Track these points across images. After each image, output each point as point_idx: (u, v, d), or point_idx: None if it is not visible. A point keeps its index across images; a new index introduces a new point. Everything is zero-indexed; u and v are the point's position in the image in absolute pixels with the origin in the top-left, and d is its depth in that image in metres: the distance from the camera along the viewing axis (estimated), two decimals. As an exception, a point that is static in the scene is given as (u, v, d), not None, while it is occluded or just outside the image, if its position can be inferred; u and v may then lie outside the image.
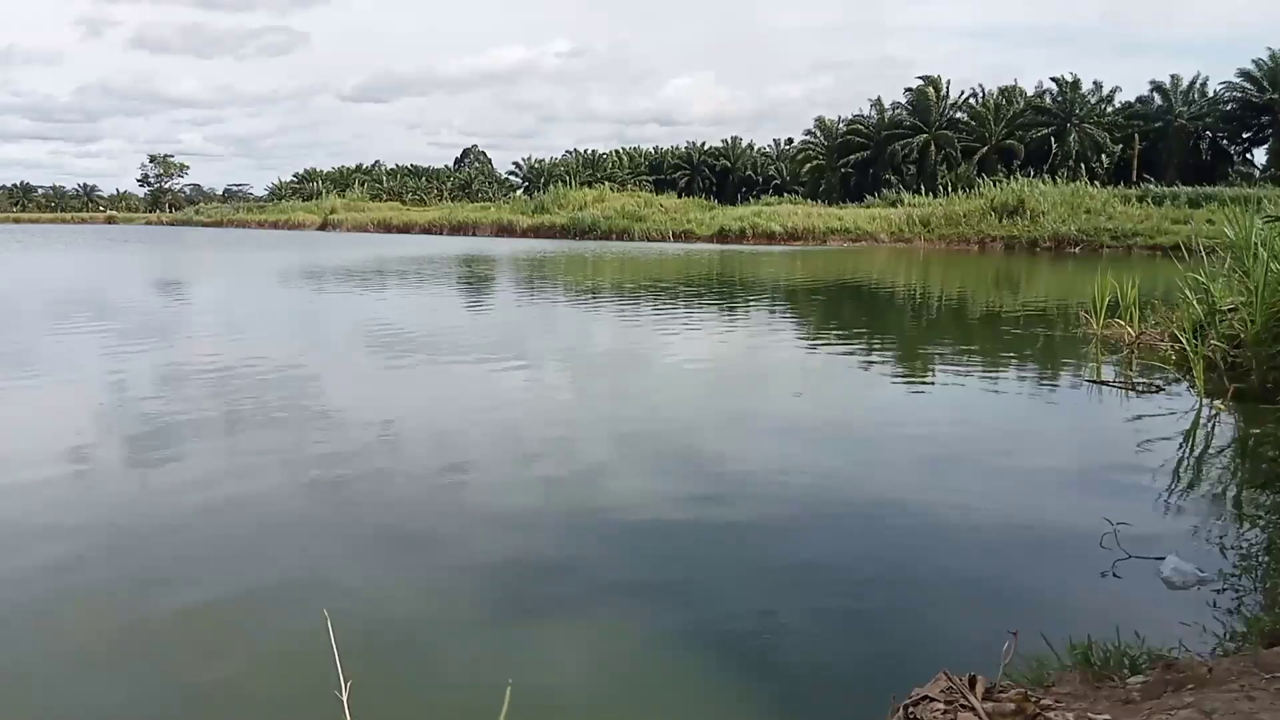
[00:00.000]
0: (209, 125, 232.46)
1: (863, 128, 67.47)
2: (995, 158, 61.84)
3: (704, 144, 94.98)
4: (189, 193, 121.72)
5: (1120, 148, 61.81)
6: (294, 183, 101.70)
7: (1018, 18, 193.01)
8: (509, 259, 34.35)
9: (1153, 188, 48.20)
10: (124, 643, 3.98)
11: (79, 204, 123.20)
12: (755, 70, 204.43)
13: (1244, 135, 62.36)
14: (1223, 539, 5.05)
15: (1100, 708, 2.86)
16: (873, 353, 12.44)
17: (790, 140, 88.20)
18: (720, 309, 17.69)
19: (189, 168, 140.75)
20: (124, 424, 7.68)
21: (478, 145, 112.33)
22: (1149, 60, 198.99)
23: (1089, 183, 49.10)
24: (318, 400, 8.79)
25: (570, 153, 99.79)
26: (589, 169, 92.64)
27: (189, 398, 8.63)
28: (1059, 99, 63.33)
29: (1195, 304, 9.92)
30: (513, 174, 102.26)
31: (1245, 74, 59.39)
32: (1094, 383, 9.84)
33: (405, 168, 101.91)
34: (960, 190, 50.29)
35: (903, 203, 50.13)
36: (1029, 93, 65.71)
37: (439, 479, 6.30)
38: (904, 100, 67.28)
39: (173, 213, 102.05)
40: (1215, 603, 4.15)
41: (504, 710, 2.20)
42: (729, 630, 4.05)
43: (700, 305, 18.29)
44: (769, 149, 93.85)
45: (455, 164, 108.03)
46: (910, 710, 2.79)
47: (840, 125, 69.60)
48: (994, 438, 7.64)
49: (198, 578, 4.58)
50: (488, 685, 2.33)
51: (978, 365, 11.54)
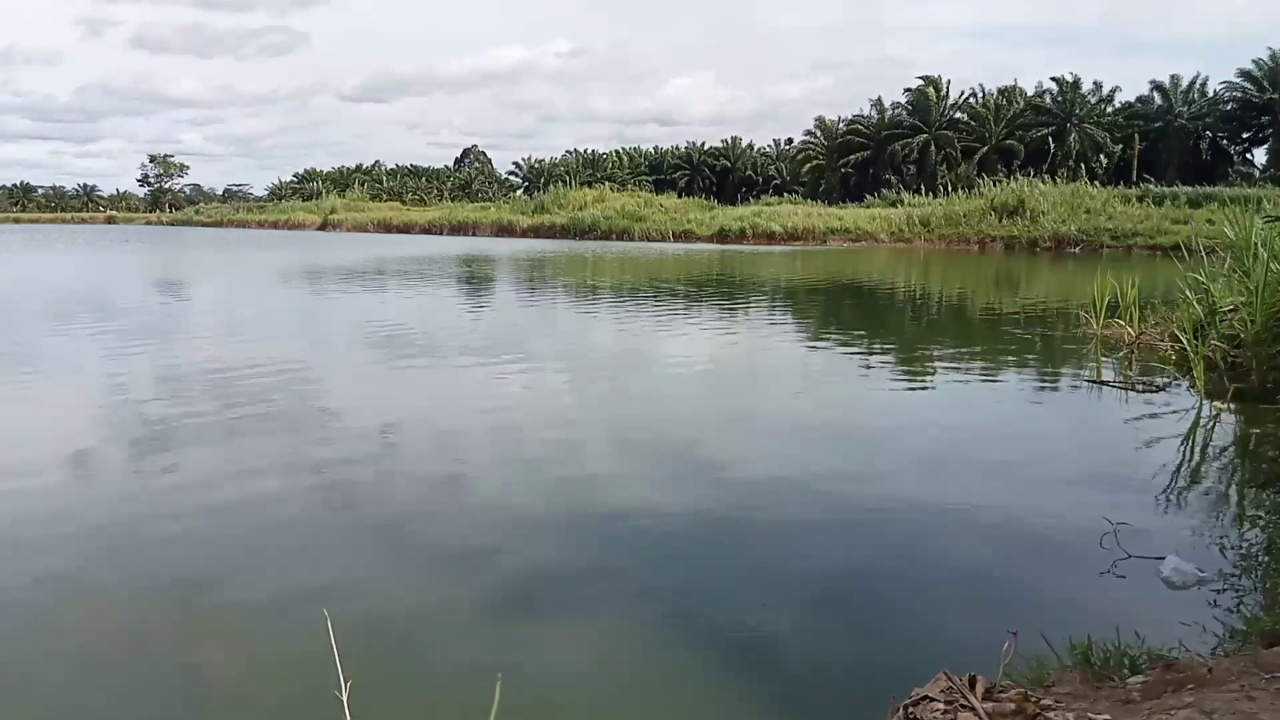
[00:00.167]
0: (209, 125, 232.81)
1: (863, 128, 67.45)
2: (995, 158, 61.83)
3: (704, 144, 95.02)
4: (189, 193, 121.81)
5: (1120, 148, 61.79)
6: (294, 183, 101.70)
7: (1018, 18, 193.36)
8: (509, 259, 34.35)
9: (1153, 188, 48.18)
10: (124, 643, 3.98)
11: (79, 204, 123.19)
12: (755, 70, 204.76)
13: (1244, 135, 62.35)
14: (1223, 539, 5.05)
15: (1100, 708, 2.86)
16: (873, 353, 12.44)
17: (790, 140, 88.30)
18: (720, 309, 17.69)
19: (189, 168, 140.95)
20: (124, 424, 7.68)
21: (478, 145, 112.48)
22: (1149, 60, 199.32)
23: (1089, 183, 49.09)
24: (318, 401, 8.79)
25: (570, 153, 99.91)
26: (589, 169, 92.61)
27: (189, 398, 8.64)
28: (1059, 99, 63.31)
29: (1195, 304, 9.92)
30: (513, 174, 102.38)
31: (1245, 74, 59.40)
32: (1094, 383, 9.84)
33: (405, 168, 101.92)
34: (960, 190, 50.27)
35: (903, 203, 50.11)
36: (1029, 93, 65.72)
37: (439, 479, 6.30)
38: (904, 100, 67.32)
39: (173, 213, 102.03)
40: (1215, 603, 4.15)
41: (494, 707, 2.20)
42: (729, 630, 4.05)
43: (700, 305, 18.29)
44: (769, 149, 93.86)
45: (455, 164, 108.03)
46: (910, 710, 2.79)
47: (840, 125, 69.57)
48: (994, 438, 7.64)
49: (198, 578, 4.58)
50: (488, 685, 2.32)
51: (978, 365, 11.54)
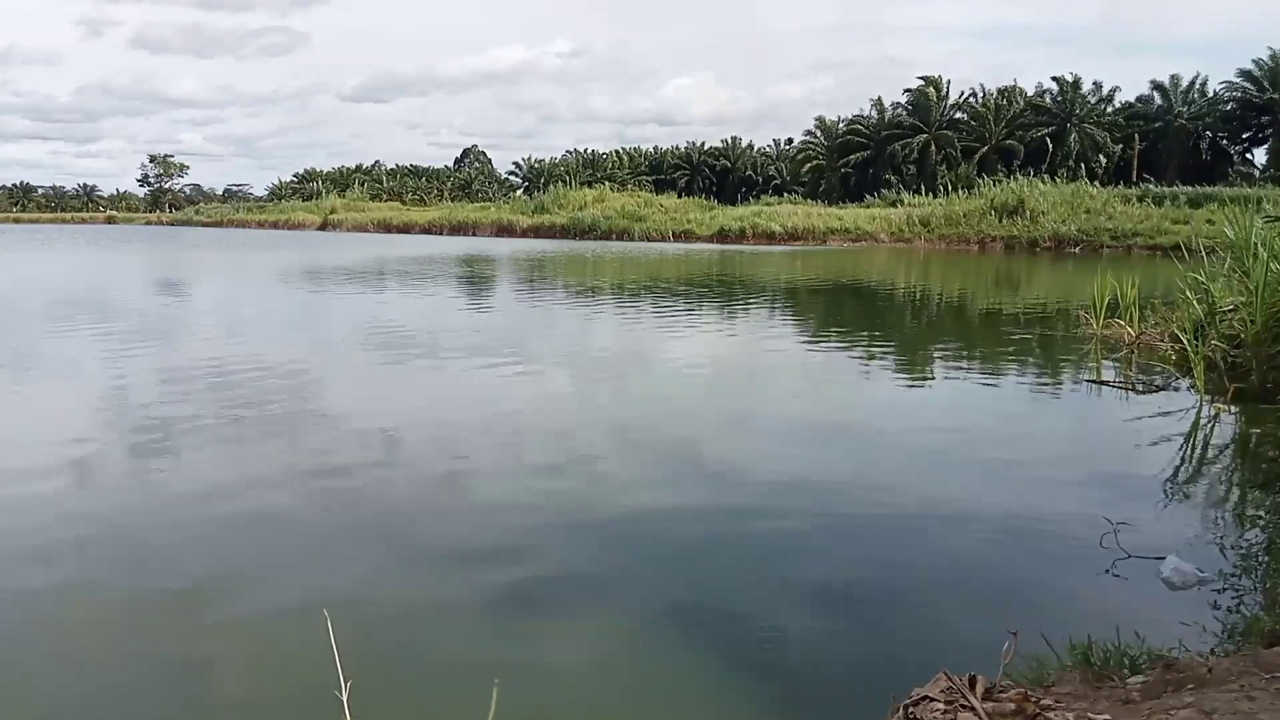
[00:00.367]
0: (209, 125, 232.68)
1: (863, 128, 67.44)
2: (995, 158, 61.82)
3: (704, 144, 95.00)
4: (189, 193, 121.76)
5: (1120, 148, 61.79)
6: (294, 183, 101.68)
7: (1018, 18, 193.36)
8: (509, 259, 34.35)
9: (1153, 188, 48.21)
10: (124, 643, 3.98)
11: (79, 204, 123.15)
12: (755, 70, 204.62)
13: (1244, 135, 62.35)
14: (1223, 539, 5.05)
15: (1100, 708, 2.86)
16: (873, 353, 12.43)
17: (790, 140, 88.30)
18: (720, 309, 17.69)
19: (189, 168, 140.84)
20: (125, 424, 7.68)
21: (478, 145, 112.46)
22: (1149, 60, 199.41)
23: (1089, 183, 49.10)
24: (319, 401, 8.80)
25: (570, 153, 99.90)
26: (589, 169, 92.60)
27: (190, 398, 8.63)
28: (1059, 99, 63.32)
29: (1195, 304, 9.92)
30: (513, 174, 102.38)
31: (1245, 74, 59.41)
32: (1094, 383, 9.84)
33: (405, 168, 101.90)
34: (960, 190, 50.26)
35: (903, 203, 50.13)
36: (1029, 93, 65.74)
37: (440, 479, 6.30)
38: (904, 100, 67.35)
39: (173, 213, 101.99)
40: (1215, 603, 4.15)
41: (492, 710, 2.20)
42: (729, 630, 4.05)
43: (700, 305, 18.29)
44: (769, 149, 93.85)
45: (455, 164, 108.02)
46: (910, 710, 2.79)
47: (840, 125, 69.57)
48: (994, 438, 7.64)
49: (198, 578, 4.58)
50: (488, 685, 2.32)
51: (978, 365, 11.55)
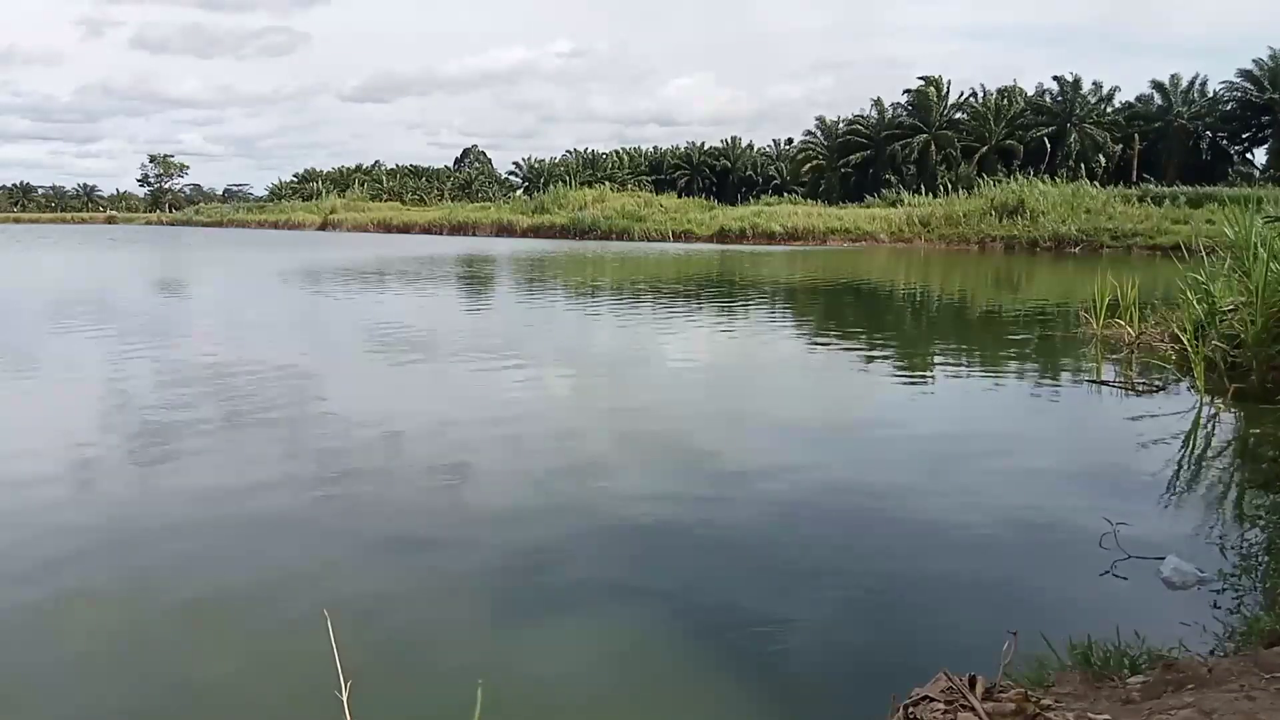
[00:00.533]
0: (209, 125, 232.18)
1: (863, 128, 67.43)
2: (995, 158, 61.80)
3: (704, 144, 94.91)
4: (189, 193, 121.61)
5: (1120, 148, 61.78)
6: (294, 183, 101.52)
7: (1017, 18, 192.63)
8: (509, 259, 34.35)
9: (1153, 188, 48.15)
10: (124, 642, 3.98)
11: (79, 204, 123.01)
12: (755, 70, 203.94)
13: (1244, 135, 62.29)
14: (1223, 539, 5.05)
15: (1100, 708, 2.86)
16: (873, 353, 12.43)
17: (790, 140, 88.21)
18: (720, 309, 17.68)
19: (189, 168, 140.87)
20: (125, 424, 7.69)
21: (478, 145, 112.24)
22: (1149, 60, 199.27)
23: (1089, 183, 49.07)
24: (319, 401, 8.80)
25: (570, 153, 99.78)
26: (589, 169, 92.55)
27: (190, 398, 8.63)
28: (1059, 99, 63.31)
29: (1195, 304, 9.92)
30: (513, 174, 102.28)
31: (1245, 74, 59.37)
32: (1094, 383, 9.84)
33: (405, 168, 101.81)
34: (960, 190, 50.23)
35: (903, 203, 50.09)
36: (1029, 93, 65.74)
37: (439, 479, 6.30)
38: (904, 100, 67.32)
39: (173, 213, 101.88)
40: (1215, 603, 4.15)
41: (477, 709, 2.20)
42: (730, 630, 4.05)
43: (700, 305, 18.30)
44: (769, 149, 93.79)
45: (455, 164, 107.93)
46: (910, 710, 2.79)
47: (840, 125, 69.54)
48: (994, 438, 7.64)
49: (198, 578, 4.58)
50: (488, 685, 2.33)
51: (978, 365, 11.55)
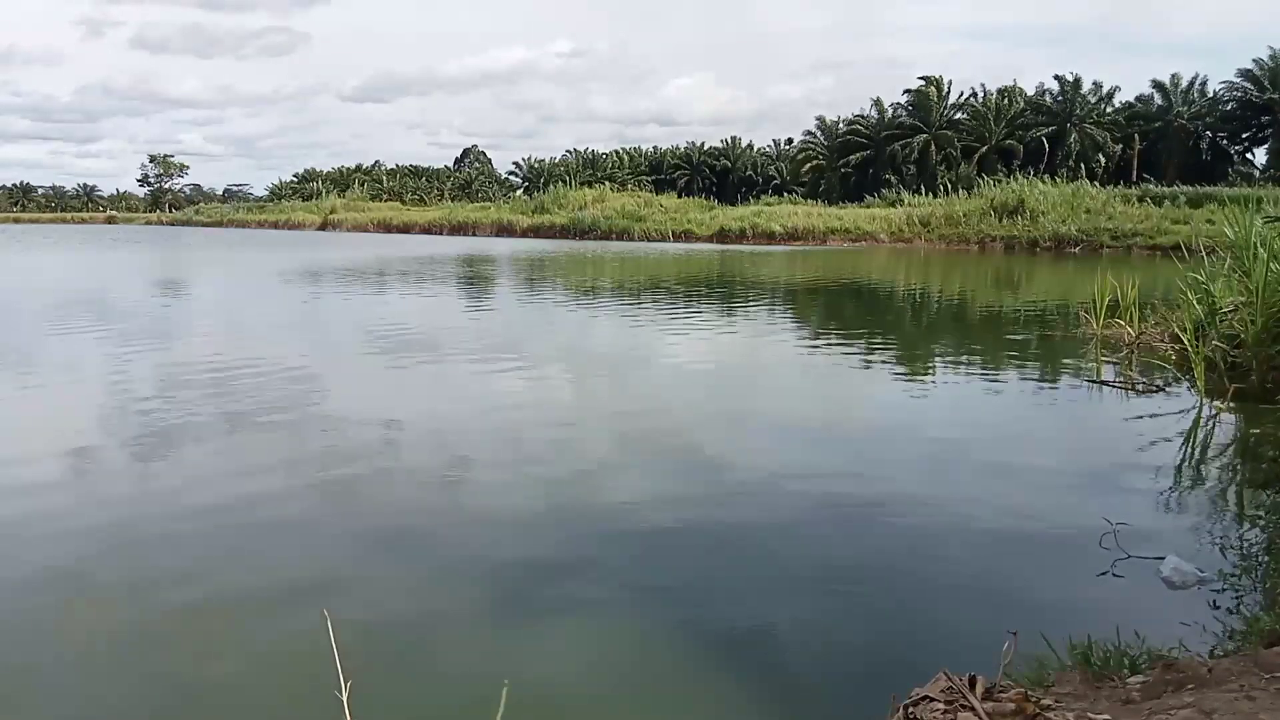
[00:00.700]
0: (209, 125, 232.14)
1: (863, 128, 67.43)
2: (995, 158, 61.81)
3: (704, 144, 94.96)
4: (189, 193, 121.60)
5: (1120, 148, 61.78)
6: (294, 183, 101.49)
7: (1017, 18, 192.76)
8: (509, 259, 34.35)
9: (1153, 188, 48.16)
10: (124, 642, 3.98)
11: (79, 204, 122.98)
12: (755, 70, 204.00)
13: (1244, 135, 62.32)
14: (1223, 539, 5.05)
15: (1100, 708, 2.86)
16: (873, 353, 12.44)
17: (790, 140, 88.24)
18: (721, 309, 17.68)
19: (189, 168, 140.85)
20: (126, 424, 7.68)
21: (478, 145, 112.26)
22: (1149, 60, 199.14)
23: (1089, 183, 49.07)
24: (319, 401, 8.79)
25: (570, 153, 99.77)
26: (589, 169, 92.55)
27: (190, 398, 8.63)
28: (1059, 99, 63.32)
29: (1195, 304, 9.92)
30: (513, 174, 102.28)
31: (1245, 74, 59.39)
32: (1094, 383, 9.84)
33: (405, 168, 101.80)
34: (960, 190, 50.25)
35: (903, 203, 50.09)
36: (1029, 93, 65.75)
37: (440, 479, 6.30)
38: (904, 100, 67.34)
39: (173, 213, 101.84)
40: (1215, 603, 4.15)
41: (500, 710, 2.20)
42: (729, 630, 4.05)
43: (701, 305, 18.29)
44: (769, 149, 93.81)
45: (455, 164, 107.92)
46: (910, 710, 2.79)
47: (840, 125, 69.55)
48: (994, 438, 7.64)
49: (198, 578, 4.58)
50: (488, 685, 2.33)
51: (978, 365, 11.54)
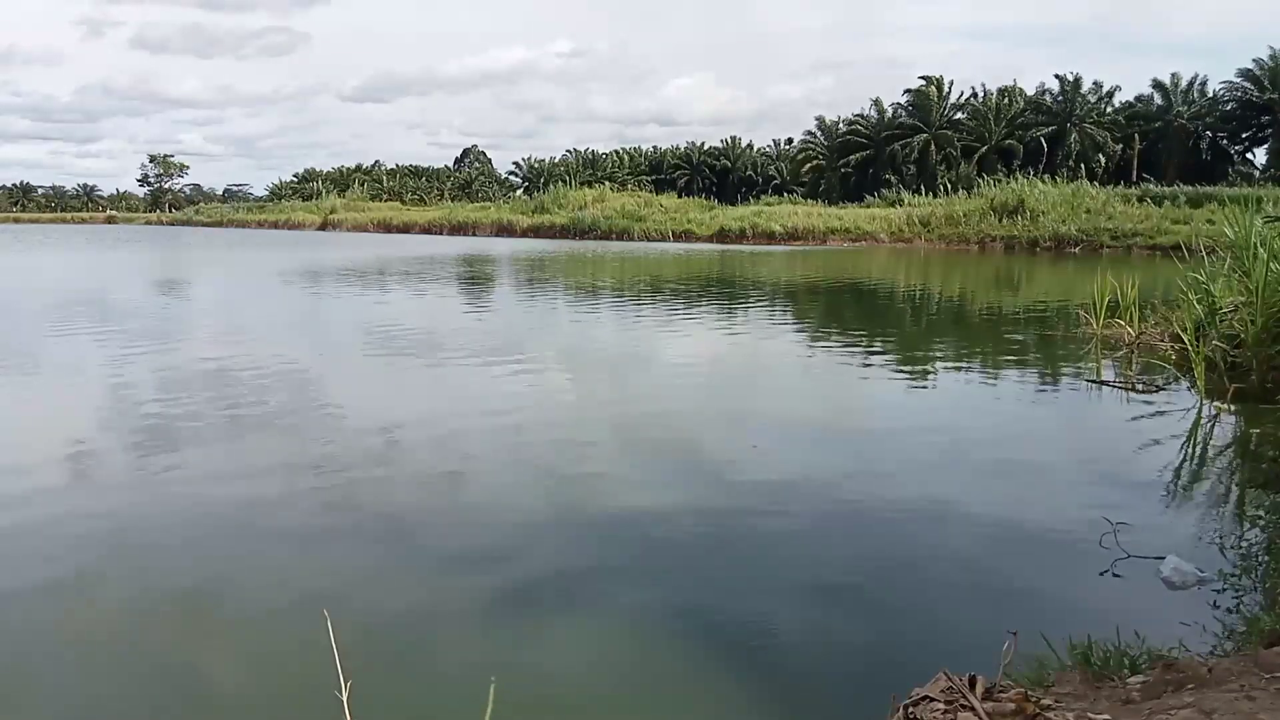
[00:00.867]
0: (209, 125, 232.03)
1: (863, 128, 67.43)
2: (995, 158, 61.81)
3: (704, 144, 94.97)
4: (189, 193, 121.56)
5: (1120, 147, 61.78)
6: (294, 183, 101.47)
7: (1017, 18, 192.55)
8: (509, 259, 34.35)
9: (1153, 188, 48.17)
10: (124, 643, 3.98)
11: (79, 204, 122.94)
12: (755, 70, 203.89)
13: (1244, 135, 62.32)
14: (1223, 539, 5.05)
15: (1100, 708, 2.86)
16: (873, 353, 12.44)
17: (790, 140, 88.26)
18: (721, 309, 17.68)
19: (189, 168, 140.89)
20: (126, 425, 7.68)
21: (478, 145, 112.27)
22: (1149, 60, 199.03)
23: (1089, 183, 49.07)
24: (319, 401, 8.79)
25: (570, 153, 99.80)
26: (589, 169, 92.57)
27: (191, 399, 8.63)
28: (1059, 99, 63.32)
29: (1195, 304, 9.92)
30: (513, 174, 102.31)
31: (1245, 74, 59.40)
32: (1094, 383, 9.83)
33: (405, 168, 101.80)
34: (960, 190, 50.25)
35: (903, 203, 50.08)
36: (1029, 93, 65.77)
37: (440, 479, 6.30)
38: (904, 100, 67.36)
39: (173, 213, 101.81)
40: (1215, 603, 4.15)
41: (489, 708, 2.20)
42: (730, 630, 4.05)
43: (701, 305, 18.29)
44: (769, 149, 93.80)
45: (455, 164, 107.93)
46: (910, 710, 2.79)
47: (840, 125, 69.55)
48: (994, 438, 7.64)
49: (198, 578, 4.58)
50: (487, 685, 2.32)
51: (978, 365, 11.54)
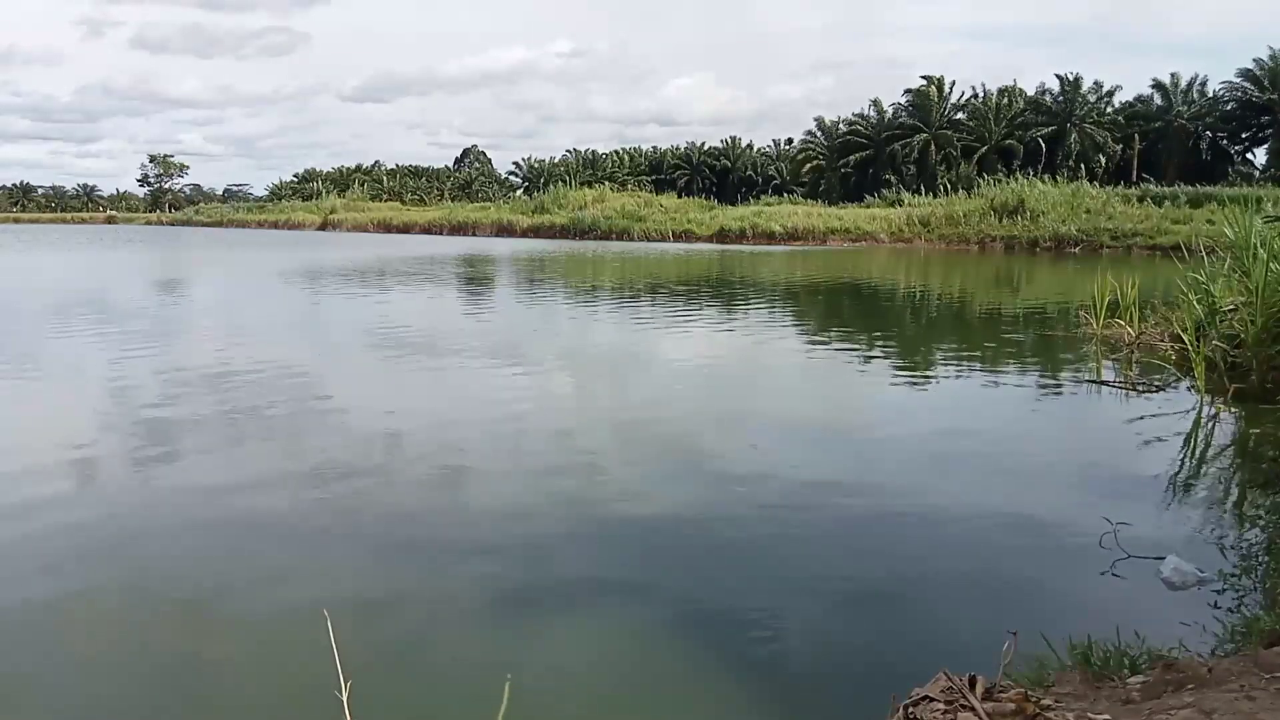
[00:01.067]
0: (209, 125, 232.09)
1: (863, 128, 67.43)
2: (995, 157, 61.79)
3: (704, 144, 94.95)
4: (189, 193, 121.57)
5: (1120, 148, 61.78)
6: (294, 183, 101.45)
7: (1017, 18, 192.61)
8: (510, 259, 34.35)
9: (1153, 188, 48.17)
10: (124, 642, 3.98)
11: (79, 204, 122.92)
12: (755, 70, 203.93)
13: (1244, 135, 62.33)
14: (1223, 539, 5.05)
15: (1100, 708, 2.86)
16: (873, 353, 12.44)
17: (790, 140, 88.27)
18: (721, 309, 17.68)
19: (189, 168, 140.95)
20: (127, 425, 7.68)
21: (478, 145, 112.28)
22: (1149, 60, 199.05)
23: (1089, 183, 49.07)
24: (320, 401, 8.79)
25: (570, 153, 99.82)
26: (589, 169, 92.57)
27: (191, 399, 8.63)
28: (1059, 99, 63.33)
29: (1195, 304, 9.92)
30: (513, 174, 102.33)
31: (1245, 74, 59.41)
32: (1094, 383, 9.83)
33: (405, 168, 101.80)
34: (960, 190, 50.25)
35: (903, 203, 50.09)
36: (1029, 92, 65.78)
37: (441, 479, 6.30)
38: (904, 100, 67.37)
39: (173, 213, 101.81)
40: (1215, 603, 4.15)
41: (504, 706, 2.20)
42: (730, 630, 4.05)
43: (701, 305, 18.29)
44: (769, 149, 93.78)
45: (455, 164, 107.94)
46: (910, 710, 2.78)
47: (840, 125, 69.55)
48: (994, 438, 7.64)
49: (198, 578, 4.58)
50: (488, 685, 2.33)
51: (978, 365, 11.54)
